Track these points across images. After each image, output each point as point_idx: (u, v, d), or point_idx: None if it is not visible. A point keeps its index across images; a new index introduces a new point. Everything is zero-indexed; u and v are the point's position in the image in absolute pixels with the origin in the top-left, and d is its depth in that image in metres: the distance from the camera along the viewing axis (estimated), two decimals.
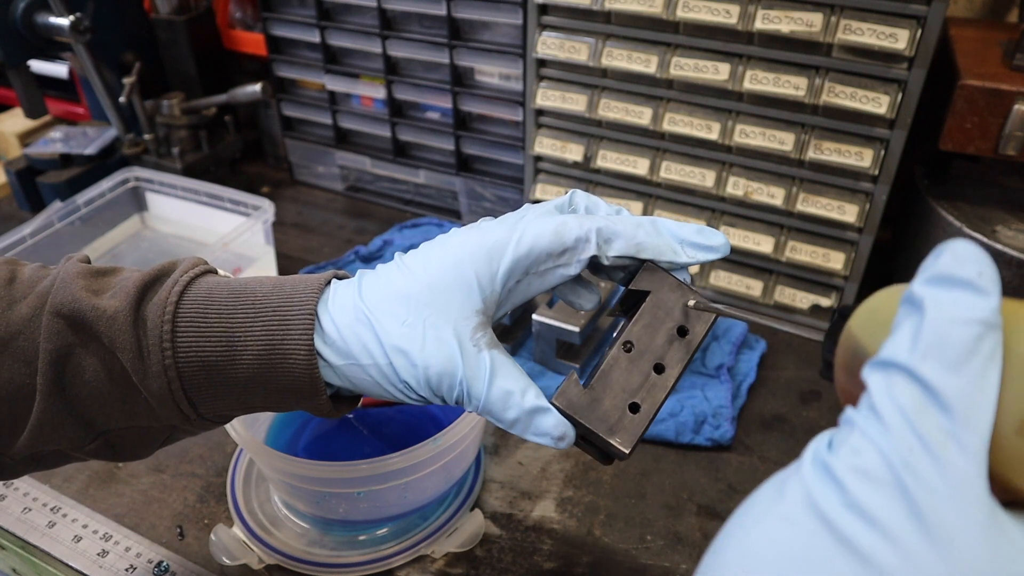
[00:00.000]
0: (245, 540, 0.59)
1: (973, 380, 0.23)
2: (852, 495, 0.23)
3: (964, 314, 0.23)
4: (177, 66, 1.07)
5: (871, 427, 0.24)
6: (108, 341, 0.41)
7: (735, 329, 0.78)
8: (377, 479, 0.54)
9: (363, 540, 0.60)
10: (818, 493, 0.24)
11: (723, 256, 0.44)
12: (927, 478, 0.23)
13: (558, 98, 0.83)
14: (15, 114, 1.19)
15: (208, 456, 0.68)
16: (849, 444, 0.24)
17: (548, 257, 0.42)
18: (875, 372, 0.25)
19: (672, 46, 0.76)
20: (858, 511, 0.23)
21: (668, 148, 0.81)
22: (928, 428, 0.23)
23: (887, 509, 0.23)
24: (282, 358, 0.41)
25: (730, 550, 0.26)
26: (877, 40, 0.67)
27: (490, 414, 0.41)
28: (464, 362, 0.40)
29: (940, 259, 0.25)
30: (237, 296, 0.42)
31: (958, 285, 0.24)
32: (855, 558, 0.23)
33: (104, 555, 0.60)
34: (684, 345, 0.42)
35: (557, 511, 0.63)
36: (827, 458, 0.25)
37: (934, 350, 0.23)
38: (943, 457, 0.23)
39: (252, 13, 1.07)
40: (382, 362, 0.40)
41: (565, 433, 0.40)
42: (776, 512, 0.25)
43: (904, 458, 0.23)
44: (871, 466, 0.23)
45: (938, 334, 0.23)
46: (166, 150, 1.05)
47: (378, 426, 0.66)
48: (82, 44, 0.94)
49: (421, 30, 0.92)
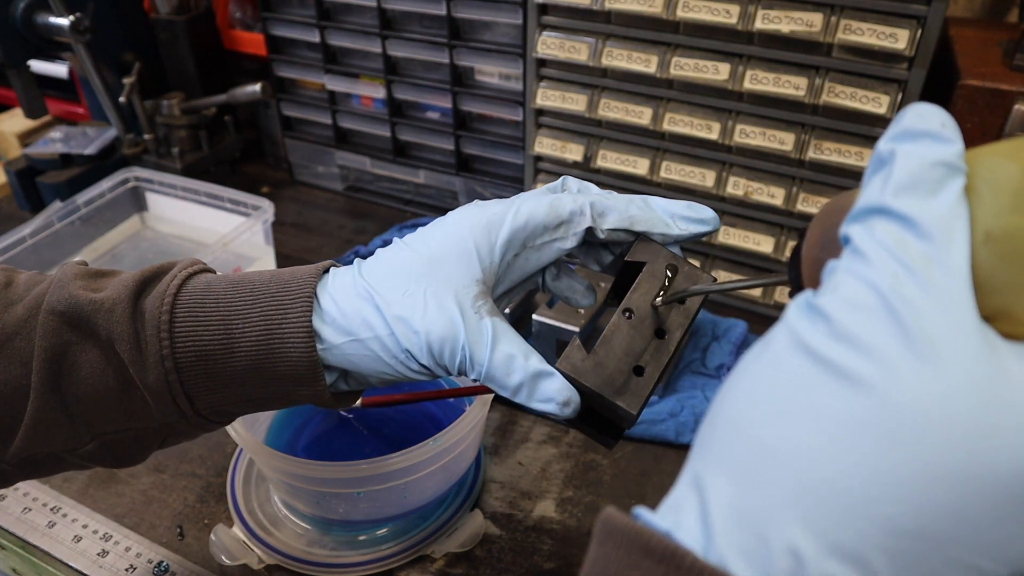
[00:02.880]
0: (245, 540, 0.59)
1: (946, 207, 0.24)
2: (838, 324, 0.24)
3: (932, 157, 0.24)
4: (177, 66, 1.07)
5: (855, 264, 0.24)
6: (106, 333, 0.41)
7: (735, 329, 0.78)
8: (377, 479, 0.54)
9: (363, 540, 0.60)
10: (804, 330, 0.24)
11: (714, 229, 0.45)
12: (913, 297, 0.23)
13: (558, 98, 0.83)
14: (15, 114, 1.19)
15: (208, 456, 0.68)
16: (833, 284, 0.25)
17: (545, 230, 0.43)
18: (852, 224, 0.25)
19: (672, 46, 0.76)
20: (845, 338, 0.23)
21: (668, 148, 0.81)
22: (911, 254, 0.23)
23: (875, 331, 0.23)
24: (280, 342, 0.41)
25: (721, 410, 0.26)
26: (877, 40, 0.67)
27: (493, 380, 0.40)
28: (466, 327, 0.40)
29: (904, 118, 0.26)
30: (235, 286, 0.42)
31: (923, 136, 0.25)
32: (843, 381, 0.23)
33: (104, 555, 0.60)
34: (683, 312, 0.43)
35: (557, 511, 0.63)
36: (812, 300, 0.25)
37: (906, 187, 0.24)
38: (928, 277, 0.23)
39: (252, 13, 1.07)
40: (383, 333, 0.40)
41: (570, 398, 0.40)
42: (762, 361, 0.26)
43: (890, 283, 0.23)
44: (857, 295, 0.24)
45: (908, 173, 0.24)
46: (166, 150, 1.05)
47: (378, 426, 0.66)
48: (82, 44, 0.94)
49: (421, 30, 0.92)
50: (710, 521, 0.24)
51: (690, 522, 0.25)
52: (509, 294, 0.46)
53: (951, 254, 0.23)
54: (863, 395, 0.23)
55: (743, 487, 0.24)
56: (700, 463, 0.26)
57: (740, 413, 0.25)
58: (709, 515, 0.24)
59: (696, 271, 0.44)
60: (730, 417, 0.26)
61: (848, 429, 0.23)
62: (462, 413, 0.57)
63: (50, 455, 0.44)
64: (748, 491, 0.24)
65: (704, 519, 0.24)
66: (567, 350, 0.41)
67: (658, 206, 0.44)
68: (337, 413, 0.66)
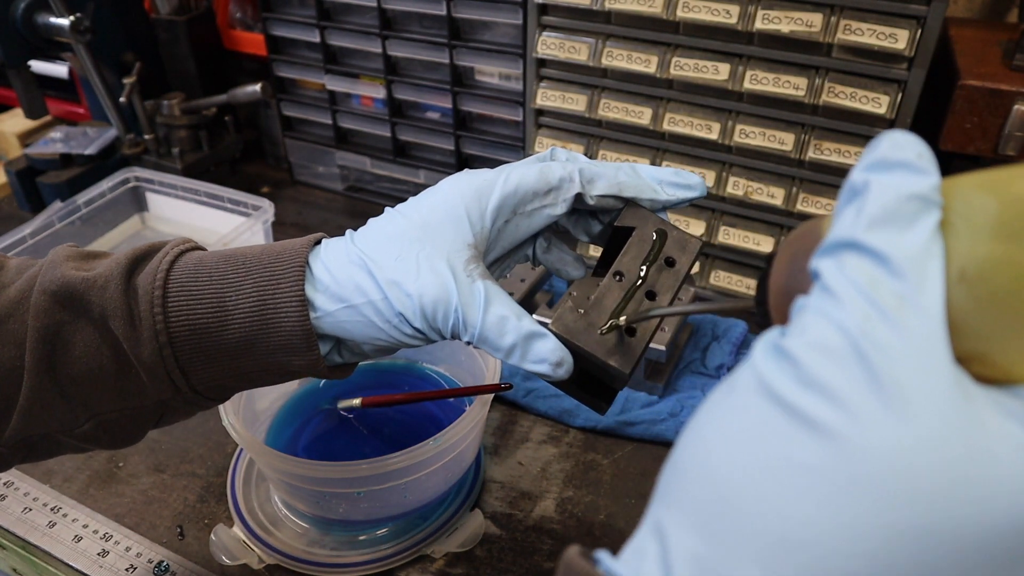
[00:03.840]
0: (245, 540, 0.59)
1: (921, 244, 0.23)
2: (806, 369, 0.22)
3: (907, 190, 0.23)
4: (177, 66, 1.07)
5: (824, 304, 0.23)
6: (99, 311, 0.41)
7: (735, 329, 0.78)
8: (377, 479, 0.54)
9: (363, 540, 0.60)
10: (770, 375, 0.23)
11: (701, 195, 0.45)
12: (885, 342, 0.22)
13: (558, 98, 0.83)
14: (15, 114, 1.19)
15: (208, 456, 0.69)
16: (801, 324, 0.24)
17: (534, 196, 0.43)
18: (822, 258, 0.24)
19: (672, 46, 0.76)
20: (812, 385, 0.22)
21: (668, 148, 0.81)
22: (882, 295, 0.22)
23: (843, 378, 0.22)
24: (274, 311, 0.41)
25: (685, 455, 0.26)
26: (877, 40, 0.67)
27: (486, 342, 0.40)
28: (459, 290, 0.40)
29: (879, 147, 0.25)
30: (227, 260, 0.43)
31: (898, 166, 0.24)
32: (811, 432, 0.22)
33: (104, 555, 0.60)
34: (673, 274, 0.43)
35: (557, 511, 0.63)
36: (779, 341, 0.24)
37: (879, 221, 0.23)
38: (900, 320, 0.22)
39: (252, 13, 1.07)
40: (376, 297, 0.41)
41: (563, 359, 0.40)
42: (727, 405, 0.25)
43: (860, 326, 0.22)
44: (826, 338, 0.23)
45: (882, 206, 0.23)
46: (166, 150, 1.05)
47: (378, 426, 0.66)
48: (82, 44, 0.94)
49: (421, 30, 0.92)
50: (672, 572, 0.23)
51: (651, 572, 0.24)
52: (500, 263, 0.46)
53: (924, 295, 0.22)
54: (829, 445, 0.22)
55: (706, 538, 0.23)
56: (662, 509, 0.25)
57: (703, 459, 0.25)
58: (671, 566, 0.24)
59: (684, 235, 0.44)
60: (693, 463, 0.25)
61: (813, 481, 0.22)
62: (462, 413, 0.57)
63: (46, 437, 0.44)
64: (711, 542, 0.23)
65: (665, 570, 0.24)
66: (559, 311, 0.41)
67: (646, 173, 0.45)
68: (337, 413, 0.66)
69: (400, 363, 0.73)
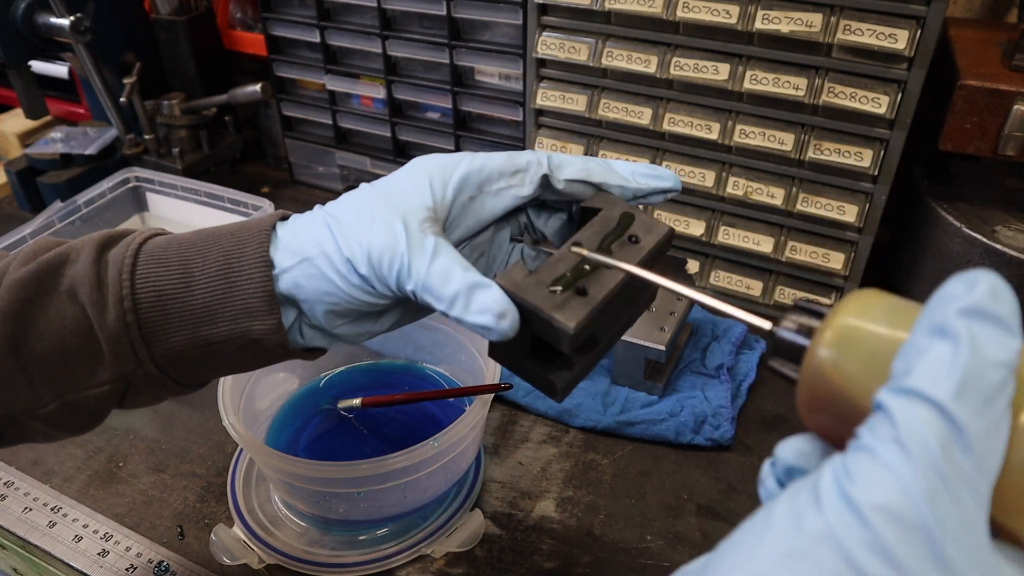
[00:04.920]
0: (245, 540, 0.59)
1: (994, 423, 0.23)
2: (877, 535, 0.23)
3: (999, 356, 0.23)
4: (177, 66, 1.07)
5: (896, 461, 0.23)
6: (69, 282, 0.42)
7: (735, 329, 0.78)
8: (377, 479, 0.54)
9: (363, 540, 0.60)
10: (841, 530, 0.23)
11: (673, 187, 0.45)
12: (949, 524, 0.22)
13: (558, 98, 0.83)
14: (16, 114, 1.19)
15: (208, 456, 0.69)
16: (870, 475, 0.24)
17: (501, 176, 0.43)
18: (899, 399, 0.24)
19: (672, 46, 0.76)
20: (882, 553, 0.23)
21: (668, 148, 0.81)
22: (950, 467, 0.23)
23: (912, 555, 0.22)
24: (238, 273, 0.42)
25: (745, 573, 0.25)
26: (877, 40, 0.67)
27: (429, 291, 0.39)
28: (408, 239, 0.40)
29: (977, 291, 0.24)
30: (199, 233, 0.44)
31: (994, 322, 0.23)
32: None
33: (104, 555, 0.60)
34: (635, 250, 0.41)
35: (557, 511, 0.63)
36: (848, 489, 0.24)
37: (970, 389, 0.23)
38: (960, 499, 0.23)
39: (252, 13, 1.07)
40: (330, 247, 0.41)
41: (507, 310, 0.38)
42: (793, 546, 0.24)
43: (931, 500, 0.22)
44: (896, 505, 0.23)
45: (976, 373, 0.23)
46: (166, 150, 1.05)
47: (378, 426, 0.66)
48: (82, 44, 0.94)
49: (421, 30, 0.92)
50: None
51: None
52: (466, 244, 0.46)
53: (984, 477, 0.23)
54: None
55: None
56: None
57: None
58: None
59: (653, 220, 0.43)
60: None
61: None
62: (462, 413, 0.57)
63: (13, 420, 0.44)
64: None
65: None
66: (508, 269, 0.40)
67: (618, 166, 0.45)
68: (337, 413, 0.66)
69: (400, 363, 0.73)
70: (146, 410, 0.73)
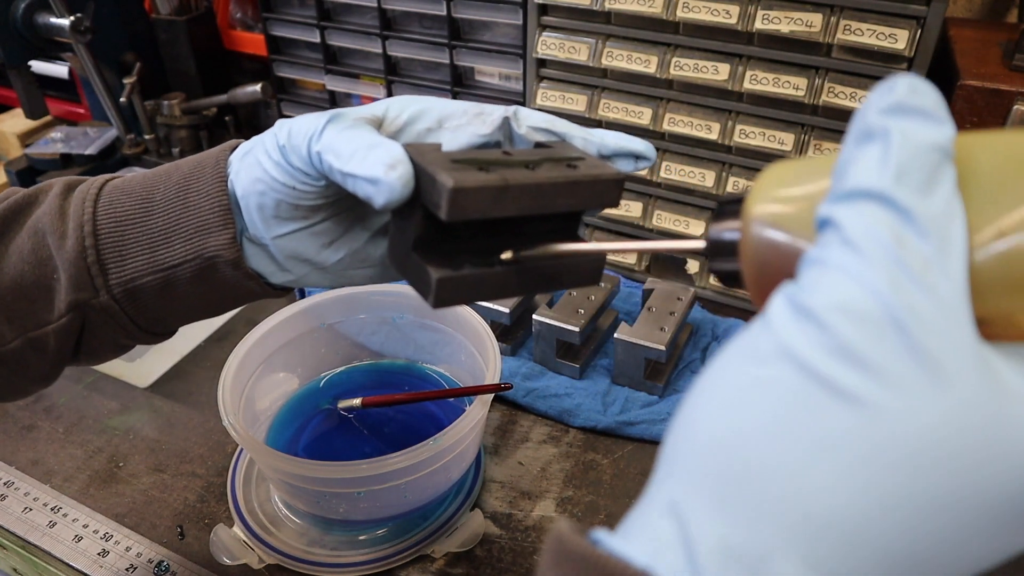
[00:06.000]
0: (245, 540, 0.59)
1: (945, 203, 0.22)
2: (838, 336, 0.21)
3: (931, 139, 0.22)
4: (177, 66, 1.08)
5: (848, 260, 0.22)
6: (35, 217, 0.43)
7: (735, 329, 0.78)
8: (377, 479, 0.54)
9: (363, 540, 0.60)
10: (797, 341, 0.22)
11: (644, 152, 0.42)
12: (919, 309, 0.21)
13: (558, 98, 0.83)
14: (16, 114, 1.19)
15: (208, 456, 0.69)
16: (823, 281, 0.22)
17: (463, 114, 0.42)
18: (840, 205, 0.23)
19: (672, 46, 0.76)
20: (846, 354, 0.21)
21: (668, 148, 0.81)
22: (911, 257, 0.21)
23: (880, 348, 0.21)
24: (195, 193, 0.42)
25: (700, 426, 0.24)
26: (877, 40, 0.67)
27: (332, 150, 0.37)
28: (331, 118, 0.38)
29: (896, 89, 0.23)
30: (165, 164, 0.45)
31: (917, 114, 0.23)
32: (847, 404, 0.21)
33: (104, 555, 0.60)
34: (566, 170, 0.37)
35: (557, 511, 0.63)
36: (800, 299, 0.22)
37: (906, 175, 0.22)
38: (930, 286, 0.21)
39: (252, 13, 1.07)
40: (267, 136, 0.41)
41: (399, 161, 0.35)
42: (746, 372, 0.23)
43: (891, 289, 0.21)
44: (856, 301, 0.21)
45: (910, 158, 0.22)
46: (166, 150, 1.05)
47: (378, 426, 0.66)
48: (83, 44, 0.95)
49: (421, 30, 0.92)
50: (697, 558, 0.22)
51: (674, 558, 0.22)
52: None
53: (950, 259, 0.22)
54: (865, 417, 0.21)
55: (734, 520, 0.22)
56: (676, 488, 0.24)
57: (724, 432, 0.23)
58: (696, 551, 0.22)
59: (603, 164, 0.39)
60: (712, 435, 0.23)
61: (853, 457, 0.21)
62: (462, 413, 0.57)
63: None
64: (741, 525, 0.22)
65: (690, 556, 0.22)
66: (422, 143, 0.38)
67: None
68: (337, 413, 0.66)
69: (400, 363, 0.73)
70: (146, 410, 0.73)
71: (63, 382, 0.76)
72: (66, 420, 0.72)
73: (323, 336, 0.70)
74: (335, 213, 0.43)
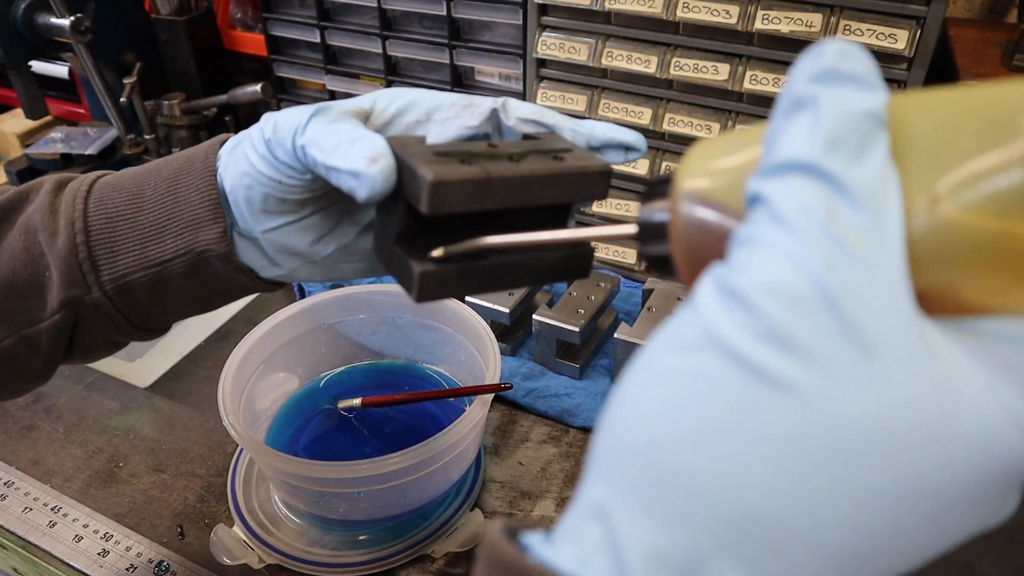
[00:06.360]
0: (245, 540, 0.59)
1: (877, 171, 0.21)
2: (767, 319, 0.20)
3: (859, 107, 0.21)
4: (177, 66, 1.08)
5: (776, 235, 0.20)
6: (27, 214, 0.43)
7: None
8: (377, 479, 0.54)
9: (363, 540, 0.60)
10: (723, 325, 0.21)
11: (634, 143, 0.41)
12: (853, 286, 0.19)
13: (558, 98, 0.83)
14: (16, 114, 1.19)
15: (208, 456, 0.69)
16: (753, 261, 0.21)
17: (452, 106, 0.42)
18: (767, 180, 0.21)
19: (672, 46, 0.76)
20: (775, 338, 0.20)
21: (668, 148, 0.81)
22: (843, 229, 0.20)
23: (812, 329, 0.20)
24: (185, 188, 0.42)
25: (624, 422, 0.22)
26: (877, 40, 0.67)
27: (315, 143, 0.37)
28: (316, 111, 0.38)
29: (824, 55, 0.22)
30: (156, 160, 0.45)
31: (848, 80, 0.21)
32: (776, 392, 0.20)
33: (105, 555, 0.60)
34: (551, 163, 0.37)
35: (557, 511, 0.63)
36: (727, 279, 0.21)
37: (837, 143, 0.21)
38: (864, 259, 0.20)
39: (252, 13, 1.07)
40: (253, 130, 0.41)
41: (381, 154, 0.34)
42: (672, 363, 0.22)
43: (823, 266, 0.20)
44: (787, 281, 0.20)
45: (840, 126, 0.21)
46: (167, 150, 1.05)
47: (378, 426, 0.66)
48: (83, 44, 0.94)
49: (421, 30, 0.92)
50: (626, 566, 0.21)
51: (601, 566, 0.21)
52: None
53: (886, 230, 0.20)
54: (798, 407, 0.20)
55: (663, 524, 0.21)
56: (604, 489, 0.22)
57: (647, 428, 0.22)
58: (624, 558, 0.21)
59: (590, 155, 0.38)
60: (635, 432, 0.22)
61: (782, 447, 0.20)
62: (462, 413, 0.57)
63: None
64: (670, 531, 0.21)
65: (618, 563, 0.21)
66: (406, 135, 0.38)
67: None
68: (337, 413, 0.66)
69: (400, 363, 0.73)
70: (146, 410, 0.73)
71: (63, 382, 0.77)
72: (66, 420, 0.72)
73: (323, 336, 0.70)
74: (323, 207, 0.43)
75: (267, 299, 0.86)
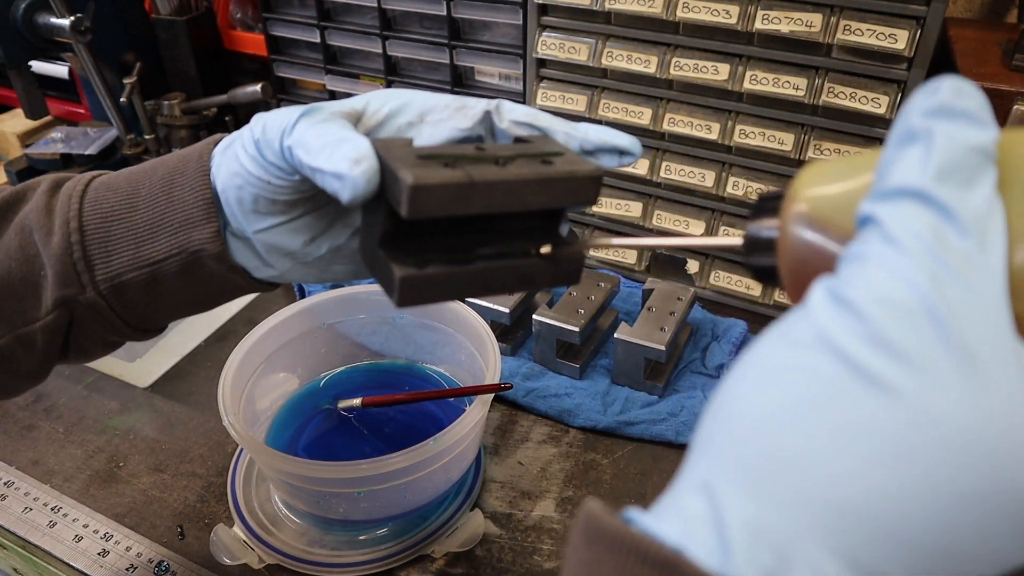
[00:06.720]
0: (245, 540, 0.59)
1: (984, 201, 0.22)
2: (876, 326, 0.22)
3: (970, 142, 0.23)
4: (177, 66, 1.08)
5: (889, 255, 0.22)
6: (23, 213, 0.43)
7: (735, 329, 0.78)
8: (377, 479, 0.54)
9: (363, 540, 0.60)
10: (834, 329, 0.22)
11: (629, 147, 0.41)
12: (957, 303, 0.21)
13: (558, 98, 0.83)
14: (16, 114, 1.19)
15: (208, 456, 0.69)
16: (864, 275, 0.23)
17: (445, 108, 0.42)
18: (880, 203, 0.23)
19: (672, 46, 0.76)
20: (882, 343, 0.22)
21: (668, 148, 0.81)
22: (950, 252, 0.22)
23: (916, 338, 0.21)
24: (180, 188, 0.42)
25: (735, 409, 0.24)
26: (877, 40, 0.67)
27: (302, 144, 0.37)
28: (305, 111, 0.38)
29: (940, 92, 0.24)
30: (151, 160, 0.45)
31: (961, 116, 0.23)
32: (879, 392, 0.21)
33: (105, 555, 0.60)
34: (539, 167, 0.36)
35: (557, 511, 0.63)
36: (840, 291, 0.23)
37: (948, 173, 0.22)
38: (968, 281, 0.21)
39: (252, 13, 1.08)
40: (244, 130, 0.41)
41: (364, 157, 0.34)
42: (783, 358, 0.24)
43: (930, 283, 0.21)
44: (895, 294, 0.22)
45: (951, 159, 0.23)
46: (167, 150, 1.05)
47: (378, 426, 0.66)
48: (83, 44, 0.94)
49: (421, 30, 0.92)
50: (728, 538, 0.22)
51: (705, 537, 0.22)
52: None
53: (990, 255, 0.22)
54: (899, 407, 0.21)
55: (765, 502, 0.22)
56: (710, 469, 0.24)
57: (759, 416, 0.23)
58: (727, 531, 0.22)
59: (581, 160, 0.38)
60: (746, 418, 0.24)
61: (881, 444, 0.21)
62: (462, 413, 0.57)
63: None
64: (768, 508, 0.22)
65: (721, 535, 0.22)
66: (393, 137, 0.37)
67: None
68: (337, 413, 0.66)
69: (400, 363, 0.73)
70: (146, 410, 0.73)
71: (63, 382, 0.77)
72: (66, 420, 0.72)
73: (323, 336, 0.70)
74: (314, 208, 0.43)
75: (267, 299, 0.86)
